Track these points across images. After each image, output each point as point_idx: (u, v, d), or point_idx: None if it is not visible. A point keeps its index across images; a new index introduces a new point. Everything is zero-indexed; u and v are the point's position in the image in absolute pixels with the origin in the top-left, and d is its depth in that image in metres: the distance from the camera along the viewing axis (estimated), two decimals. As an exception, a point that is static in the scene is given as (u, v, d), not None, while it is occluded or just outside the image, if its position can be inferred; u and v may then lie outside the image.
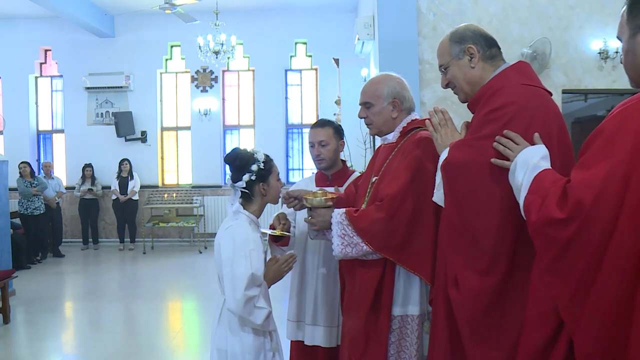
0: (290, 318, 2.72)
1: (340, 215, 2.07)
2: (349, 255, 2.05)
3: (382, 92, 2.19)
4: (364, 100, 2.23)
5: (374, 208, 2.03)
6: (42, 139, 10.65)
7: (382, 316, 2.04)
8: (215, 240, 2.23)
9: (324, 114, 8.95)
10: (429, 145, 2.06)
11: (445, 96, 6.72)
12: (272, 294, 2.33)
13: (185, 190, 9.96)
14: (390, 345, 2.05)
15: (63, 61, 10.22)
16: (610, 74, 6.62)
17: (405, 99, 2.22)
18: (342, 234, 2.04)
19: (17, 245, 7.45)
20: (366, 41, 7.04)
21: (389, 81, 2.22)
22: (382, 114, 2.20)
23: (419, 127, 2.18)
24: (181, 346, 4.20)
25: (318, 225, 2.14)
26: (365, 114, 2.24)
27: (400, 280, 2.07)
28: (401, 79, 2.27)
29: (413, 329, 2.06)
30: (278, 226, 2.40)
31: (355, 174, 2.81)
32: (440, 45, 1.98)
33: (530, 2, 6.76)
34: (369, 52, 7.64)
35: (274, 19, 9.94)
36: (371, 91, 2.22)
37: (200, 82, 10.22)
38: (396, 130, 2.22)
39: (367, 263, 2.07)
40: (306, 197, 2.19)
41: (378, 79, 2.26)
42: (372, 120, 2.24)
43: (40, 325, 5.19)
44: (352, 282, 2.15)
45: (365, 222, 2.01)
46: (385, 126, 2.23)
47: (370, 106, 2.21)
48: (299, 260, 2.72)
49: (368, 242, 2.00)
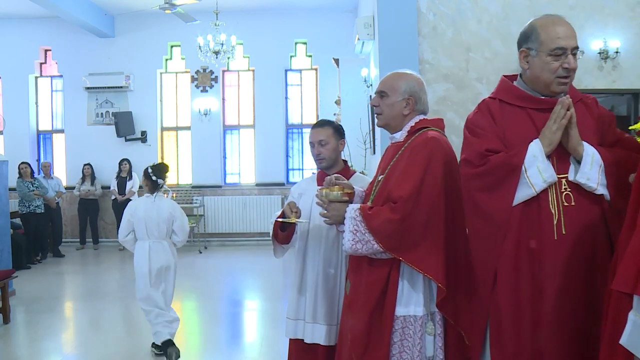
0: (290, 316, 2.72)
1: (354, 210, 2.07)
2: (359, 252, 2.04)
3: (400, 86, 2.20)
4: (380, 89, 2.24)
5: (388, 209, 2.02)
6: (42, 139, 10.65)
7: (385, 316, 2.03)
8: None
9: (324, 114, 8.96)
10: (438, 146, 2.06)
11: (446, 96, 6.73)
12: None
13: (185, 190, 9.97)
14: (392, 345, 2.04)
15: (63, 61, 10.22)
16: (610, 74, 6.61)
17: (420, 100, 2.23)
18: (354, 230, 2.03)
19: (17, 245, 7.45)
20: (366, 41, 7.04)
21: (410, 78, 2.23)
22: (394, 108, 2.20)
23: (427, 127, 2.18)
24: (181, 346, 4.19)
25: (332, 219, 2.13)
26: (378, 102, 2.25)
27: (404, 280, 2.06)
28: (422, 80, 2.29)
29: (416, 330, 2.04)
30: (292, 214, 2.38)
31: (356, 174, 2.81)
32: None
33: (530, 2, 6.75)
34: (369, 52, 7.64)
35: (274, 19, 9.95)
36: (390, 82, 2.23)
37: (200, 82, 10.22)
38: (404, 130, 2.22)
39: (375, 262, 2.07)
40: (323, 190, 2.18)
41: (401, 73, 2.26)
42: (382, 111, 2.24)
43: (40, 325, 5.18)
44: (358, 281, 2.15)
45: (379, 221, 2.00)
46: (394, 120, 2.23)
47: (385, 96, 2.22)
48: (299, 258, 2.73)
49: (379, 241, 1.99)
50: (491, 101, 2.14)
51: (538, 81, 2.03)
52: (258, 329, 5.27)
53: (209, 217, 9.97)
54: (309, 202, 2.66)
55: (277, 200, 9.89)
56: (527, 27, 2.08)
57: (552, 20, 2.04)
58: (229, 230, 10.02)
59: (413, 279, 2.05)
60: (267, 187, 10.09)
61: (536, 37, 2.00)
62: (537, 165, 1.95)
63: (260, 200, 9.95)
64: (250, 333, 5.26)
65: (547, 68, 1.99)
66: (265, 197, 9.98)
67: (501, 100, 2.11)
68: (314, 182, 2.78)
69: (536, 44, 1.99)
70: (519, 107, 2.06)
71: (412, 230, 1.98)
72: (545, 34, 1.99)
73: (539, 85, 2.04)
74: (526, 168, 1.95)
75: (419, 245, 1.98)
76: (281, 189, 9.99)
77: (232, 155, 10.50)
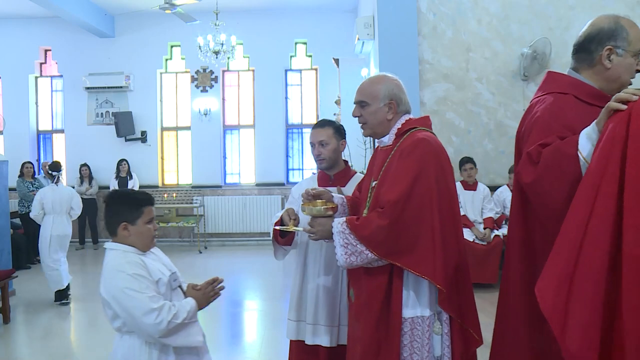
0: (291, 317, 2.71)
1: (341, 224, 2.04)
2: (355, 264, 2.02)
3: (379, 92, 2.16)
4: (359, 99, 2.20)
5: (376, 215, 2.00)
6: (42, 139, 10.65)
7: (392, 321, 2.01)
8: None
9: (324, 114, 8.96)
10: (428, 147, 2.04)
11: (446, 96, 6.74)
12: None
13: (185, 190, 9.97)
14: (403, 348, 2.03)
15: (63, 61, 10.22)
16: (610, 74, 6.62)
17: (401, 101, 2.19)
18: (345, 244, 2.00)
19: (17, 245, 7.44)
20: (366, 41, 7.04)
21: (387, 82, 2.19)
22: (377, 115, 2.17)
23: (414, 127, 2.15)
24: (181, 346, 4.20)
25: (318, 234, 2.11)
26: (359, 112, 2.21)
27: (409, 282, 2.04)
28: (399, 80, 2.23)
29: (424, 330, 2.03)
30: (290, 222, 2.35)
31: (357, 174, 2.80)
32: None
33: (530, 2, 6.76)
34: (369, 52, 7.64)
35: (274, 19, 9.95)
36: (368, 90, 2.18)
37: (200, 82, 10.22)
38: (391, 133, 2.19)
39: (372, 271, 2.04)
40: (306, 205, 2.16)
41: (376, 79, 2.22)
42: (366, 120, 2.20)
43: (40, 325, 5.18)
44: (359, 291, 2.12)
45: (369, 229, 1.98)
46: (379, 127, 2.20)
47: (366, 105, 2.18)
48: (300, 259, 2.72)
49: (373, 249, 1.97)
50: (564, 97, 1.92)
51: (616, 81, 1.90)
52: (258, 329, 5.27)
53: (209, 217, 9.97)
54: None
55: (277, 200, 9.89)
56: (609, 23, 1.91)
57: (632, 21, 1.92)
58: (229, 230, 10.02)
59: (418, 280, 2.04)
60: (267, 187, 10.09)
61: (625, 36, 1.87)
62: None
63: (260, 200, 9.95)
64: (250, 333, 5.26)
65: (630, 70, 1.89)
66: (265, 197, 9.98)
67: (576, 97, 1.91)
68: (314, 182, 2.77)
69: (625, 43, 1.87)
70: (589, 105, 1.89)
71: (404, 233, 1.96)
72: (633, 34, 1.87)
73: (615, 85, 1.90)
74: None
75: (413, 248, 1.97)
76: (281, 189, 9.99)
77: (232, 155, 10.49)
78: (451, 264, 2.02)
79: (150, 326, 1.97)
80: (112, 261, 2.08)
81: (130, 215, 2.11)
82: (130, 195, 2.22)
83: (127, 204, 2.13)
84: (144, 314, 1.97)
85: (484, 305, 3.15)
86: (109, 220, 2.15)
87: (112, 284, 2.03)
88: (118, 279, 2.02)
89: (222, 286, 2.29)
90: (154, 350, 2.07)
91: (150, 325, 1.97)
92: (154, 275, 2.09)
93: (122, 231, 2.11)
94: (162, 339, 2.03)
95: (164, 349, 2.08)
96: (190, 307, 2.11)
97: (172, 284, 2.19)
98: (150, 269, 2.10)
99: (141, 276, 2.03)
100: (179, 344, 2.08)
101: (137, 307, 1.97)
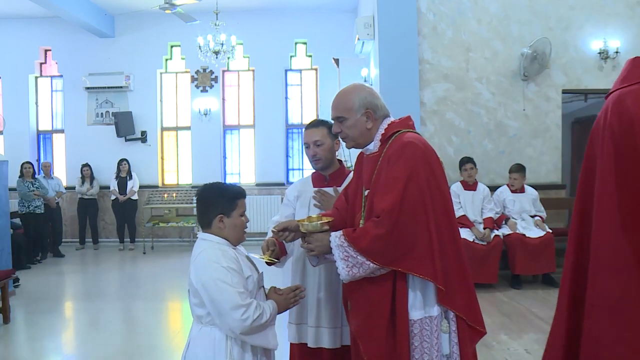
0: (292, 321, 2.68)
1: (339, 238, 2.03)
2: (357, 276, 2.01)
3: (353, 104, 2.13)
4: (336, 115, 2.17)
5: (372, 224, 1.99)
6: (42, 139, 10.65)
7: (400, 327, 2.01)
8: None
9: (324, 114, 8.96)
10: (415, 149, 2.03)
11: (446, 96, 6.74)
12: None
13: (185, 190, 9.96)
14: (414, 350, 2.02)
15: (63, 61, 10.22)
16: (610, 74, 6.61)
17: (377, 107, 2.16)
18: (345, 257, 2.00)
19: (17, 245, 7.44)
20: (366, 41, 7.04)
21: (359, 91, 2.16)
22: (357, 127, 2.14)
23: (398, 130, 2.13)
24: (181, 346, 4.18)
25: (317, 250, 2.10)
26: (339, 128, 2.17)
27: (416, 283, 2.04)
28: (370, 87, 2.21)
29: (432, 330, 2.03)
30: (266, 252, 2.38)
31: (352, 173, 2.79)
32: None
33: (530, 2, 6.76)
34: (369, 52, 7.63)
35: (274, 19, 9.95)
36: (342, 104, 2.15)
37: (200, 82, 10.22)
38: (376, 139, 2.17)
39: (376, 279, 2.04)
40: (301, 222, 2.15)
41: (347, 90, 2.19)
42: (347, 134, 2.17)
43: (40, 325, 5.18)
44: (362, 301, 2.09)
45: (366, 240, 1.97)
46: (361, 138, 2.17)
47: (344, 120, 2.15)
48: (300, 262, 2.69)
49: (374, 259, 1.96)
50: None
51: None
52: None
53: (209, 217, 9.95)
54: (306, 204, 2.65)
55: (277, 200, 9.89)
56: None
57: None
58: (229, 230, 10.00)
59: (424, 281, 2.04)
60: (267, 187, 10.09)
61: None
62: None
63: (260, 200, 9.95)
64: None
65: None
66: (265, 197, 9.98)
67: None
68: (309, 183, 2.76)
69: None
70: None
71: (402, 239, 1.97)
72: None
73: None
74: None
75: (412, 252, 1.97)
76: (281, 189, 9.98)
77: (232, 155, 10.50)
78: (450, 262, 2.03)
79: (236, 321, 2.00)
80: (208, 251, 2.11)
81: (226, 207, 2.14)
82: (225, 187, 2.23)
83: (222, 196, 2.16)
84: (232, 308, 1.99)
85: (484, 305, 3.15)
86: (204, 211, 2.17)
87: (205, 274, 2.05)
88: (212, 269, 2.04)
89: (304, 295, 2.33)
90: (235, 346, 2.09)
91: (236, 320, 2.00)
92: (245, 271, 2.12)
93: (217, 223, 2.14)
94: (242, 336, 2.06)
95: (244, 346, 2.11)
96: (273, 310, 2.14)
97: (259, 283, 2.22)
98: (242, 265, 2.13)
99: (234, 270, 2.06)
100: (257, 343, 2.11)
101: (227, 300, 2.00)
